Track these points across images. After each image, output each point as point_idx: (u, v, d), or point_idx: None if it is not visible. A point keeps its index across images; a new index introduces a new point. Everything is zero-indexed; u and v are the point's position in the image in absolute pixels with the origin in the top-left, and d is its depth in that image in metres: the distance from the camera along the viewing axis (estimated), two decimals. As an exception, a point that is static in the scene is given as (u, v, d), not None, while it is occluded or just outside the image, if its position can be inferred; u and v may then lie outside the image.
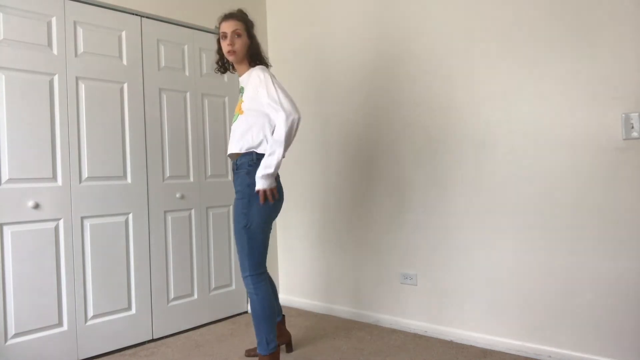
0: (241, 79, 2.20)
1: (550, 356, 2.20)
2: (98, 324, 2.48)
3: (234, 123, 2.15)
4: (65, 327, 2.36)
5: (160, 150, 2.80)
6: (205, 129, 3.05)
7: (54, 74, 2.37)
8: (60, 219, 2.36)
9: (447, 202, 2.55)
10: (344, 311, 3.05)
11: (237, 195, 2.09)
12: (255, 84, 2.07)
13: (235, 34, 2.11)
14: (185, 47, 2.96)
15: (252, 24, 2.21)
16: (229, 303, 3.13)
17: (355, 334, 2.70)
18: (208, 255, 3.04)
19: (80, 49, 2.47)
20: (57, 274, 2.35)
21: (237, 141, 2.09)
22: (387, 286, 2.83)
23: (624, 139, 2.01)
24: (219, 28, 2.16)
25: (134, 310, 2.64)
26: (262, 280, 2.10)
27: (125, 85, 2.65)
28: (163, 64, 2.84)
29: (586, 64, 2.10)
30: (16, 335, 2.20)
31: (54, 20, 2.37)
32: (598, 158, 2.08)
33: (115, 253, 2.57)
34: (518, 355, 2.28)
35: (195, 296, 2.95)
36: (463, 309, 2.51)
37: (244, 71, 2.19)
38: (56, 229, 2.35)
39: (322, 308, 3.17)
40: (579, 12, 2.11)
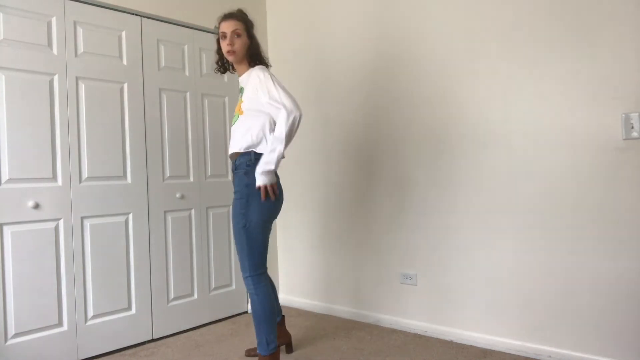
0: (241, 79, 2.20)
1: (550, 356, 2.20)
2: (98, 324, 2.48)
3: (234, 124, 2.15)
4: (65, 327, 2.36)
5: (160, 150, 2.80)
6: (205, 129, 3.05)
7: (54, 74, 2.37)
8: (60, 219, 2.37)
9: (447, 202, 2.55)
10: (344, 311, 3.05)
11: (236, 195, 2.09)
12: (254, 84, 2.06)
13: (234, 34, 2.10)
14: (185, 47, 2.96)
15: (252, 24, 2.20)
16: (229, 303, 3.13)
17: (355, 334, 2.70)
18: (208, 255, 3.04)
19: (80, 49, 2.47)
20: (57, 274, 2.35)
21: (238, 141, 2.09)
22: (387, 286, 2.83)
23: (624, 139, 2.01)
24: (218, 28, 2.16)
25: (134, 310, 2.64)
26: (263, 281, 2.10)
27: (125, 85, 2.65)
28: (163, 64, 2.84)
29: (586, 64, 2.10)
30: (16, 335, 2.21)
31: (54, 20, 2.37)
32: (598, 158, 2.08)
33: (115, 253, 2.57)
34: (518, 355, 2.28)
35: (195, 296, 2.95)
36: (463, 309, 2.51)
37: (244, 71, 2.18)
38: (56, 229, 2.35)
39: (322, 308, 3.17)
40: (579, 12, 2.11)
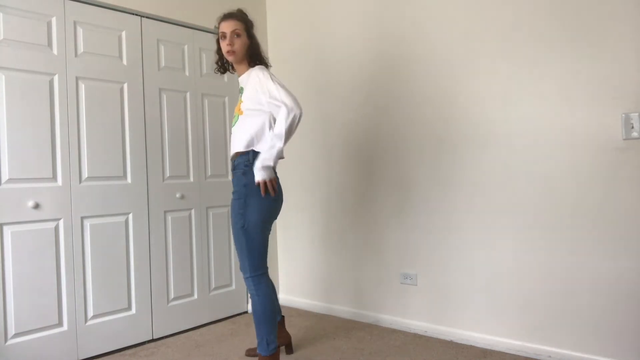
0: (240, 79, 2.19)
1: (550, 356, 2.20)
2: (98, 324, 2.48)
3: (234, 124, 2.15)
4: (65, 327, 2.36)
5: (160, 150, 2.80)
6: (205, 129, 3.05)
7: (54, 74, 2.37)
8: (60, 219, 2.37)
9: (447, 202, 2.55)
10: (344, 311, 3.05)
11: (234, 195, 2.09)
12: (254, 84, 2.06)
13: (234, 34, 2.10)
14: (185, 47, 2.96)
15: (252, 24, 2.20)
16: (229, 303, 3.13)
17: (355, 334, 2.70)
18: (208, 255, 3.04)
19: (80, 49, 2.47)
20: (57, 274, 2.35)
21: (238, 141, 2.08)
22: (387, 286, 2.83)
23: (624, 139, 2.01)
24: (218, 28, 2.15)
25: (134, 310, 2.64)
26: (264, 281, 2.09)
27: (125, 85, 2.65)
28: (163, 64, 2.84)
29: (586, 64, 2.10)
30: (16, 335, 2.21)
31: (54, 20, 2.37)
32: (598, 158, 2.08)
33: (115, 253, 2.57)
34: (518, 355, 2.28)
35: (195, 296, 2.95)
36: (463, 309, 2.51)
37: (244, 71, 2.18)
38: (56, 229, 2.35)
39: (322, 308, 3.17)
40: (579, 12, 2.11)
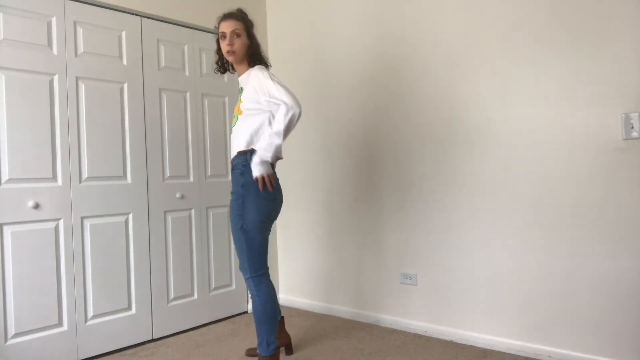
0: (240, 79, 2.19)
1: (550, 356, 2.20)
2: (98, 324, 2.48)
3: (234, 125, 2.14)
4: (65, 327, 2.36)
5: (160, 150, 2.80)
6: (205, 129, 3.05)
7: (54, 74, 2.37)
8: (60, 219, 2.37)
9: (447, 202, 2.55)
10: (344, 311, 3.05)
11: (232, 196, 2.08)
12: (253, 84, 2.05)
13: (234, 34, 2.09)
14: (185, 47, 2.96)
15: (252, 24, 2.19)
16: (229, 303, 3.13)
17: (355, 334, 2.70)
18: (208, 255, 3.04)
19: (80, 49, 2.47)
20: (57, 274, 2.35)
21: (239, 141, 2.08)
22: (387, 286, 2.83)
23: (624, 139, 2.01)
24: (218, 28, 2.15)
25: (134, 310, 2.64)
26: (264, 282, 2.09)
27: (125, 85, 2.65)
28: (163, 64, 2.84)
29: (586, 64, 2.10)
30: (16, 335, 2.21)
31: (54, 20, 2.37)
32: (598, 158, 2.07)
33: (115, 253, 2.57)
34: (518, 355, 2.28)
35: (195, 296, 2.95)
36: (463, 309, 2.50)
37: (244, 71, 2.17)
38: (56, 229, 2.35)
39: (322, 308, 3.17)
40: (579, 12, 2.11)
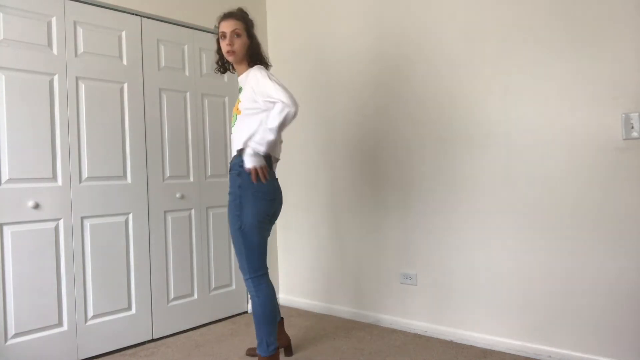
0: (240, 78, 2.18)
1: (550, 356, 2.20)
2: (98, 324, 2.48)
3: (233, 125, 2.14)
4: (65, 327, 2.36)
5: (160, 150, 2.80)
6: (205, 129, 3.05)
7: (54, 74, 2.37)
8: (60, 219, 2.37)
9: (447, 202, 2.55)
10: (344, 311, 3.05)
11: (230, 197, 2.08)
12: (251, 84, 2.05)
13: (234, 34, 2.09)
14: (185, 47, 2.96)
15: (252, 24, 2.18)
16: (229, 303, 3.13)
17: (355, 334, 2.70)
18: (208, 255, 3.04)
19: (80, 49, 2.47)
20: (57, 274, 2.35)
21: (237, 142, 2.08)
22: (387, 286, 2.83)
23: (624, 139, 2.01)
24: (218, 27, 2.14)
25: (134, 310, 2.64)
26: (264, 282, 2.08)
27: (125, 85, 2.65)
28: (163, 64, 2.84)
29: (586, 64, 2.10)
30: (16, 335, 2.21)
31: (54, 20, 2.37)
32: (598, 158, 2.07)
33: (115, 253, 2.57)
34: (518, 355, 2.28)
35: (195, 296, 2.95)
36: (463, 309, 2.51)
37: (243, 71, 2.16)
38: (56, 229, 2.35)
39: (322, 308, 3.17)
40: (579, 12, 2.11)
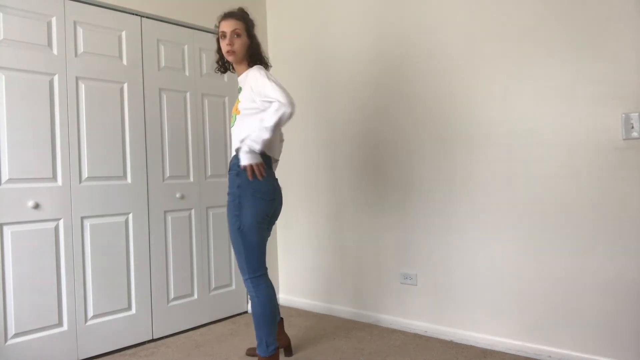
0: (239, 78, 2.18)
1: (550, 356, 2.20)
2: (98, 324, 2.48)
3: (232, 125, 2.14)
4: (65, 327, 2.36)
5: (160, 150, 2.80)
6: (205, 129, 3.05)
7: (54, 74, 2.37)
8: (60, 219, 2.36)
9: (448, 202, 2.55)
10: (344, 311, 3.05)
11: (229, 197, 2.08)
12: (250, 84, 2.05)
13: (234, 34, 2.08)
14: (185, 47, 2.96)
15: (253, 24, 2.18)
16: (229, 303, 3.13)
17: (355, 334, 2.70)
18: (208, 255, 3.04)
19: (80, 49, 2.47)
20: (57, 274, 2.35)
21: (236, 142, 2.08)
22: (387, 286, 2.83)
23: (624, 139, 2.01)
24: (218, 27, 2.14)
25: (134, 310, 2.64)
26: (263, 283, 2.08)
27: (125, 85, 2.65)
28: (163, 64, 2.84)
29: (586, 64, 2.10)
30: (16, 335, 2.21)
31: (54, 20, 2.37)
32: (598, 158, 2.07)
33: (115, 253, 2.57)
34: (518, 355, 2.28)
35: (195, 296, 2.95)
36: (463, 309, 2.50)
37: (243, 71, 2.16)
38: (56, 229, 2.35)
39: (322, 308, 3.17)
40: (579, 13, 2.11)
